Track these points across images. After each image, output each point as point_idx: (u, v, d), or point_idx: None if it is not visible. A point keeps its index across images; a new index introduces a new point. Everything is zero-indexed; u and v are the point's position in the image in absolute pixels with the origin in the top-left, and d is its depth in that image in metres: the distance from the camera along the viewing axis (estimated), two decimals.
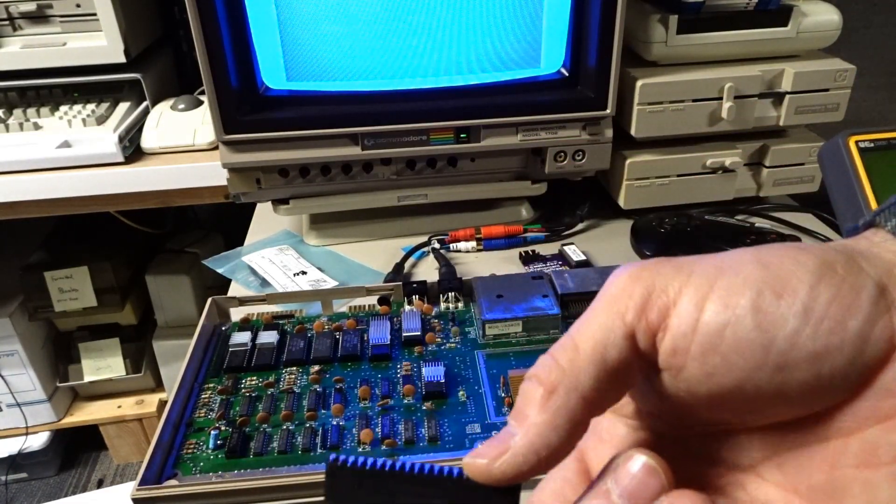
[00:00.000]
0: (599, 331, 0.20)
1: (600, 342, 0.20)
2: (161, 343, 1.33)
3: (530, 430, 0.19)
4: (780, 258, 0.19)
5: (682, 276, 0.20)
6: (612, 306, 0.20)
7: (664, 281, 0.20)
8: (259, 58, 0.62)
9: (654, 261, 0.21)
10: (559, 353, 0.20)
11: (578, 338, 0.20)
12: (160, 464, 0.42)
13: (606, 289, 0.21)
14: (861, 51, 1.21)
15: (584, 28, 0.63)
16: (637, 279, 0.20)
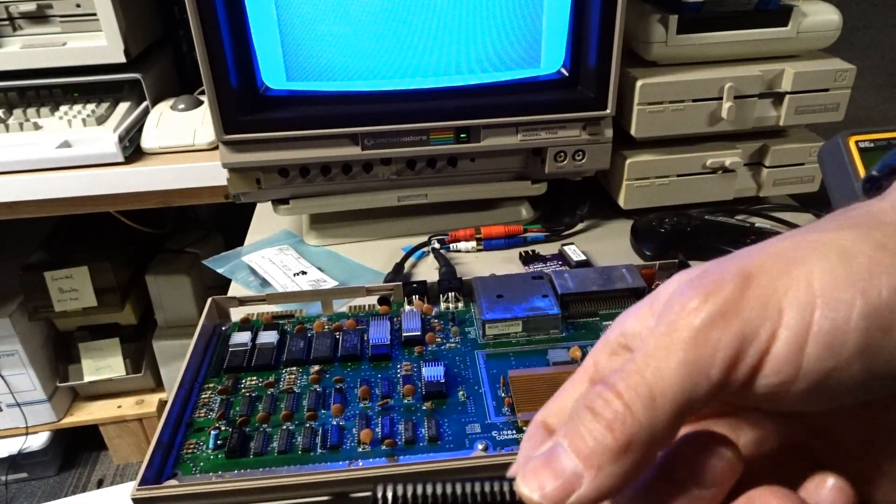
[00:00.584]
0: (680, 386, 0.18)
1: (682, 396, 0.18)
2: (161, 343, 1.33)
3: (600, 477, 0.18)
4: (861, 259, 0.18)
5: (773, 315, 0.18)
6: (693, 358, 0.18)
7: (754, 326, 0.18)
8: (259, 58, 0.62)
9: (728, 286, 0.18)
10: (633, 401, 0.18)
11: (655, 388, 0.18)
12: (160, 464, 0.42)
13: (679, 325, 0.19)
14: (861, 51, 1.21)
15: (584, 28, 0.63)
16: (720, 326, 0.18)
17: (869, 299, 0.17)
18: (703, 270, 0.20)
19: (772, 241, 0.20)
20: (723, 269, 0.19)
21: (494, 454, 0.41)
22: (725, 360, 0.18)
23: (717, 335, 0.18)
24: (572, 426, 0.19)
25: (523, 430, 0.43)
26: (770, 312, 0.18)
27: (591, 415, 0.19)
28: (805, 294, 0.18)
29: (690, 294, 0.19)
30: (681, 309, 0.19)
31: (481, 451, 0.42)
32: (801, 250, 0.19)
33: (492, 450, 0.42)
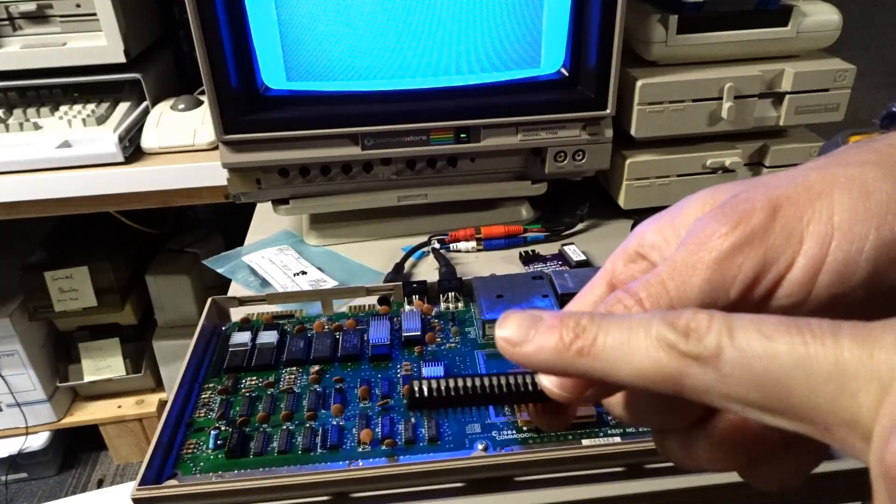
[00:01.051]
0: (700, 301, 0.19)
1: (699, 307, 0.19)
2: (161, 343, 1.33)
3: None
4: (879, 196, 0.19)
5: (795, 244, 0.19)
6: (717, 277, 0.20)
7: (775, 254, 0.19)
8: (259, 58, 0.62)
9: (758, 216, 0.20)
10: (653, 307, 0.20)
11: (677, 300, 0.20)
12: (160, 464, 0.42)
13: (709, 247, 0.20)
14: (861, 51, 1.21)
15: (584, 28, 0.63)
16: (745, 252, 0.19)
17: (881, 234, 0.19)
18: (734, 196, 0.21)
19: (801, 171, 0.21)
20: (752, 197, 0.20)
21: (494, 454, 0.41)
22: (745, 282, 0.19)
23: (741, 259, 0.19)
24: None
25: (523, 430, 0.43)
26: (792, 241, 0.19)
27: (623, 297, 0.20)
28: (825, 226, 0.19)
29: (722, 220, 0.20)
30: (711, 232, 0.20)
31: (481, 451, 0.42)
32: (826, 183, 0.20)
33: (492, 450, 0.42)
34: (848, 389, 0.15)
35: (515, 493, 0.41)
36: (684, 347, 0.17)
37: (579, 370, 0.19)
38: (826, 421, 0.15)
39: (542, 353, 0.19)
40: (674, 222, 0.24)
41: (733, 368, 0.16)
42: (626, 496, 0.41)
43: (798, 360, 0.15)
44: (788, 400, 0.16)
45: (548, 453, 0.40)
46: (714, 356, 0.16)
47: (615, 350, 0.18)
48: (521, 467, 0.41)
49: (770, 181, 0.21)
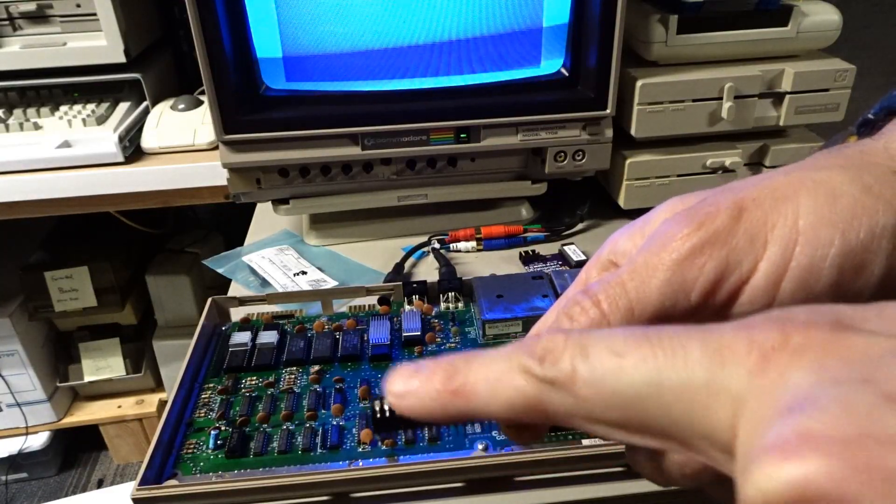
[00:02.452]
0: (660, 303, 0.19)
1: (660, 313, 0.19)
2: (161, 343, 1.34)
3: None
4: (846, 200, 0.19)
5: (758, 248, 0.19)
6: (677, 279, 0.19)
7: (738, 257, 0.19)
8: (259, 58, 0.62)
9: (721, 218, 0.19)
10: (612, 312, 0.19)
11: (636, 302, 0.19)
12: (160, 464, 0.42)
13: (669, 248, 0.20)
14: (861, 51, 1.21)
15: (584, 28, 0.63)
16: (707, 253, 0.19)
17: (847, 239, 0.18)
18: (701, 200, 0.21)
19: (769, 175, 0.21)
20: (718, 200, 0.20)
21: (494, 454, 0.41)
22: (706, 285, 0.19)
23: (703, 261, 0.19)
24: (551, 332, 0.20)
25: None
26: (756, 245, 0.19)
27: (568, 321, 0.20)
28: (790, 230, 0.19)
29: (684, 221, 0.20)
30: (673, 234, 0.20)
31: (481, 451, 0.42)
32: (793, 187, 0.19)
33: (492, 450, 0.42)
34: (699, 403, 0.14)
35: (515, 493, 0.41)
36: (540, 372, 0.16)
37: (460, 412, 0.18)
38: (684, 436, 0.15)
39: (425, 401, 0.18)
40: (644, 229, 0.23)
41: (588, 390, 0.16)
42: (626, 496, 0.41)
43: (647, 376, 0.15)
44: (645, 418, 0.15)
45: (548, 453, 0.40)
46: (569, 379, 0.16)
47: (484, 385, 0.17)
48: (521, 467, 0.41)
49: (739, 185, 0.21)
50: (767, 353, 0.14)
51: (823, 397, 0.12)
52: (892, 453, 0.11)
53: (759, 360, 0.14)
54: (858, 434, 0.12)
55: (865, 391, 0.12)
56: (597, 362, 0.16)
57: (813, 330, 0.14)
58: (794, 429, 0.12)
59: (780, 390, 0.13)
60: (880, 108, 0.24)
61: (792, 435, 0.12)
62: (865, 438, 0.11)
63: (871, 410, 0.12)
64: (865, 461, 0.11)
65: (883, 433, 0.11)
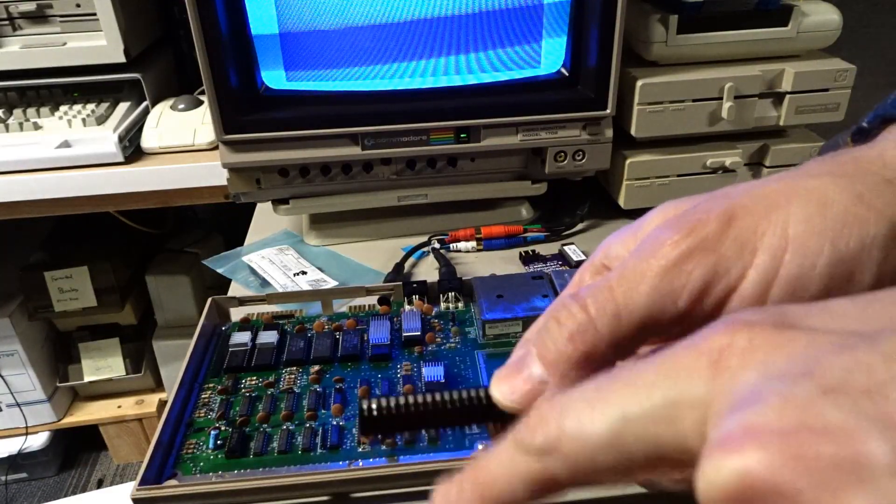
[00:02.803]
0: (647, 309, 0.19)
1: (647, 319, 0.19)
2: (161, 343, 1.34)
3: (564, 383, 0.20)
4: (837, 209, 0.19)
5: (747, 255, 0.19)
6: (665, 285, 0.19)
7: (727, 264, 0.19)
8: (259, 58, 0.62)
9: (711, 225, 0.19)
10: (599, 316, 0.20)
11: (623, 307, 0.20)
12: (160, 464, 0.42)
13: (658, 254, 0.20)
14: (861, 51, 1.21)
15: (584, 28, 0.63)
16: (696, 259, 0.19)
17: (837, 248, 0.18)
18: (692, 206, 0.21)
19: (761, 182, 0.21)
20: (709, 207, 0.20)
21: None
22: (694, 291, 0.19)
23: (691, 267, 0.19)
24: (540, 335, 0.20)
25: None
26: (745, 253, 0.19)
27: (555, 325, 0.20)
28: (779, 238, 0.19)
29: (674, 228, 0.20)
30: (663, 240, 0.20)
31: (482, 451, 0.42)
32: (785, 195, 0.20)
33: None
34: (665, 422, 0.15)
35: None
36: (534, 445, 0.17)
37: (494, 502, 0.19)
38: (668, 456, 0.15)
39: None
40: (637, 234, 0.24)
41: (574, 445, 0.16)
42: (626, 496, 0.41)
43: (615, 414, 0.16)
44: (628, 453, 0.16)
45: None
46: (557, 440, 0.16)
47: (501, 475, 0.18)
48: None
49: (732, 191, 0.21)
50: (716, 357, 0.15)
51: (766, 392, 0.13)
52: (825, 443, 0.12)
53: (711, 366, 0.15)
54: (796, 426, 0.12)
55: (804, 384, 0.13)
56: (574, 418, 0.16)
57: (756, 329, 0.15)
58: (739, 423, 0.13)
59: (731, 390, 0.14)
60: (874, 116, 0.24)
61: (736, 429, 0.13)
62: (802, 429, 0.12)
63: (809, 403, 0.12)
64: (800, 451, 0.12)
65: (818, 424, 0.12)
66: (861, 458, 0.11)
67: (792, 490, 0.12)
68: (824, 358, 0.13)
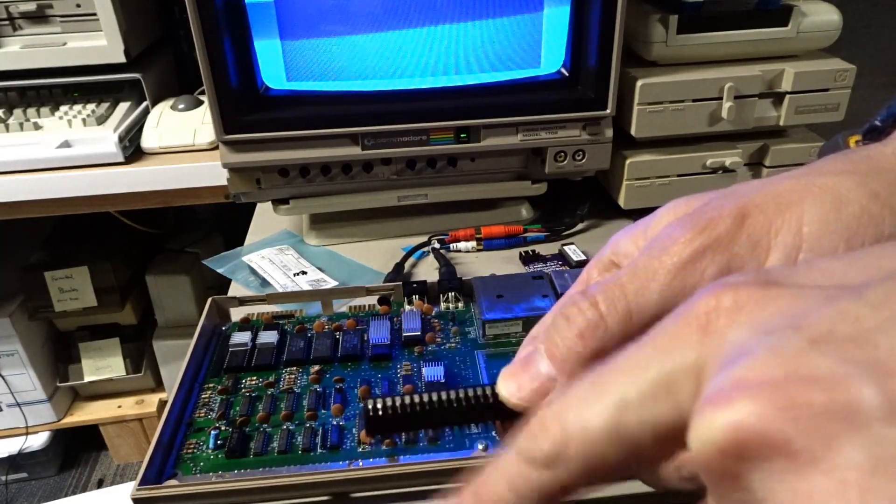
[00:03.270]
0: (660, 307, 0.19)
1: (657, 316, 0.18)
2: (161, 343, 1.34)
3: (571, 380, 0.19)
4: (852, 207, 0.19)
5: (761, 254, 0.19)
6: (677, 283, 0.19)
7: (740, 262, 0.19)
8: (259, 57, 0.62)
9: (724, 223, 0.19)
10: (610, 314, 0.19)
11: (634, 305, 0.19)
12: (160, 464, 0.42)
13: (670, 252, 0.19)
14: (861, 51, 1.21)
15: (584, 28, 0.63)
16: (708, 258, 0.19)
17: (852, 247, 0.18)
18: (704, 204, 0.21)
19: (775, 180, 0.21)
20: (722, 204, 0.20)
21: (494, 454, 0.41)
22: None
23: (704, 266, 0.19)
24: (548, 332, 0.20)
25: None
26: (758, 252, 0.19)
27: (565, 322, 0.20)
28: (794, 237, 0.19)
29: (687, 225, 0.20)
30: (675, 238, 0.20)
31: (481, 451, 0.42)
32: (798, 193, 0.19)
33: (492, 450, 0.42)
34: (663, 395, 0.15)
35: None
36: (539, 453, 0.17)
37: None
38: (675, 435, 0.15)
39: None
40: (646, 230, 0.23)
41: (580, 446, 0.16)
42: (626, 496, 0.41)
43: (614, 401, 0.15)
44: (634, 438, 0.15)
45: None
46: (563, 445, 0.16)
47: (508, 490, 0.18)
48: None
49: (744, 189, 0.21)
50: (704, 321, 0.15)
51: (754, 347, 0.13)
52: (815, 391, 0.12)
53: (699, 330, 0.15)
54: (785, 376, 0.12)
55: (792, 337, 0.13)
56: (574, 416, 0.16)
57: (742, 288, 0.14)
58: (729, 379, 0.13)
59: (721, 350, 0.14)
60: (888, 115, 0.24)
61: (726, 384, 0.13)
62: (791, 379, 0.12)
63: (798, 353, 0.12)
64: (791, 400, 0.12)
65: (807, 373, 0.12)
66: (852, 404, 0.11)
67: (783, 439, 0.12)
68: (811, 310, 0.13)
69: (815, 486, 0.11)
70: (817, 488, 0.11)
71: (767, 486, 0.12)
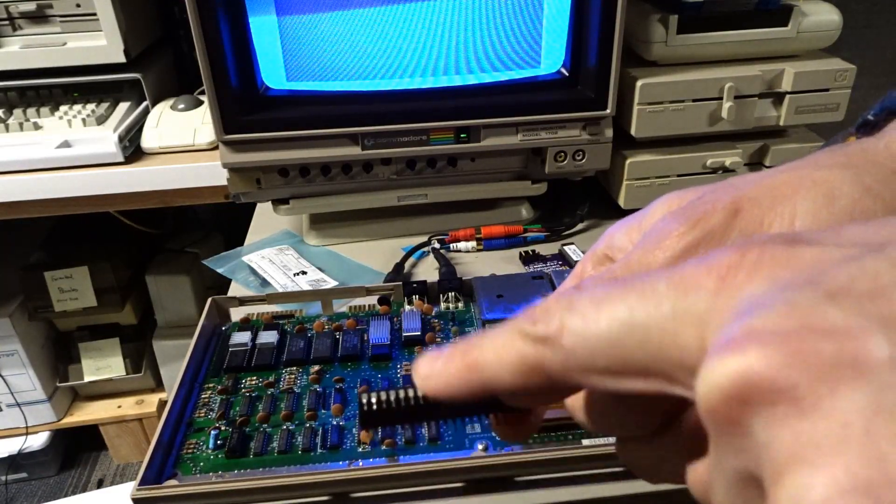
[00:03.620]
0: None
1: None
2: (161, 343, 1.33)
3: None
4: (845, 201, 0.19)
5: None
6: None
7: None
8: (259, 58, 0.62)
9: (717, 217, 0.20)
10: None
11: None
12: (160, 464, 0.42)
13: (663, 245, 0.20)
14: (861, 51, 1.21)
15: (584, 28, 0.63)
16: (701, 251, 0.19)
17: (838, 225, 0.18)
18: (698, 197, 0.21)
19: (769, 173, 0.21)
20: (715, 198, 0.20)
21: (494, 454, 0.41)
22: None
23: None
24: None
25: None
26: None
27: None
28: (786, 230, 0.19)
29: (680, 219, 0.20)
30: (669, 232, 0.20)
31: (481, 451, 0.42)
32: (791, 186, 0.20)
33: (492, 450, 0.42)
34: (668, 332, 0.15)
35: (515, 493, 0.41)
36: (533, 331, 0.17)
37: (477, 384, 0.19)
38: (663, 369, 0.15)
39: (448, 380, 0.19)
40: (641, 224, 0.24)
41: (574, 339, 0.16)
42: (626, 496, 0.41)
43: (621, 316, 0.16)
44: (626, 357, 0.16)
45: (548, 453, 0.40)
46: (558, 333, 0.17)
47: (492, 354, 0.18)
48: (521, 467, 0.41)
49: (737, 182, 0.21)
50: (724, 273, 0.15)
51: (771, 300, 0.13)
52: (826, 341, 0.12)
53: (718, 280, 0.15)
54: (796, 326, 0.12)
55: (809, 291, 0.13)
56: (579, 314, 0.16)
57: (768, 246, 0.15)
58: (741, 328, 0.13)
59: (735, 302, 0.14)
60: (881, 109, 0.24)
61: (738, 333, 0.13)
62: (803, 329, 0.12)
63: (812, 305, 0.12)
64: (801, 348, 0.12)
65: (820, 324, 0.12)
66: (861, 353, 0.11)
67: (789, 385, 0.12)
68: (831, 268, 0.13)
69: (818, 428, 0.11)
70: (820, 430, 0.11)
71: (770, 430, 0.12)
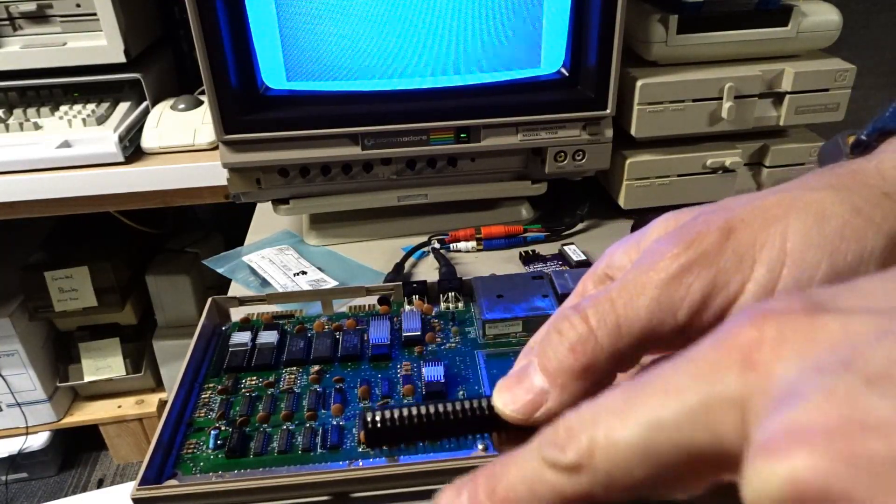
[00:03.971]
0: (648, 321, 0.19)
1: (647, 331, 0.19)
2: (161, 343, 1.33)
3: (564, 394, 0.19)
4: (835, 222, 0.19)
5: (746, 268, 0.19)
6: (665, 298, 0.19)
7: (726, 277, 0.19)
8: (259, 58, 0.62)
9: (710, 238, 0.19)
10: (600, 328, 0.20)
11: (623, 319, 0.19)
12: (160, 464, 0.42)
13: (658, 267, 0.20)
14: (861, 51, 1.21)
15: (584, 28, 0.63)
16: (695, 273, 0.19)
17: (834, 262, 0.19)
18: (693, 218, 0.21)
19: (762, 194, 0.21)
20: (709, 219, 0.20)
21: (494, 454, 0.41)
22: (693, 305, 0.19)
23: (691, 280, 0.19)
24: (541, 346, 0.20)
25: None
26: (743, 266, 0.19)
27: (557, 336, 0.20)
28: (778, 252, 0.19)
29: (674, 240, 0.20)
30: (663, 253, 0.20)
31: (481, 452, 0.42)
32: (783, 207, 0.20)
33: (492, 450, 0.42)
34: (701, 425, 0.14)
35: None
36: (563, 460, 0.16)
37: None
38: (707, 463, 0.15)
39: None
40: (639, 244, 0.24)
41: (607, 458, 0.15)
42: None
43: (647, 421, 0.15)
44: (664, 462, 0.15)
45: None
46: (589, 455, 0.16)
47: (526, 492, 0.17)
48: None
49: (732, 203, 0.21)
50: (746, 352, 0.14)
51: (807, 387, 0.12)
52: (876, 439, 0.11)
53: (742, 361, 0.14)
54: (841, 422, 0.11)
55: (847, 376, 0.12)
56: (604, 428, 0.16)
57: (786, 317, 0.14)
58: (781, 424, 0.12)
59: (768, 385, 0.13)
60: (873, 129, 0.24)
61: (780, 431, 0.12)
62: (848, 426, 0.11)
63: (853, 395, 0.12)
64: (850, 451, 0.11)
65: (866, 418, 0.11)
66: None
67: (845, 493, 0.11)
68: (863, 345, 0.12)
69: None
70: None
71: None
